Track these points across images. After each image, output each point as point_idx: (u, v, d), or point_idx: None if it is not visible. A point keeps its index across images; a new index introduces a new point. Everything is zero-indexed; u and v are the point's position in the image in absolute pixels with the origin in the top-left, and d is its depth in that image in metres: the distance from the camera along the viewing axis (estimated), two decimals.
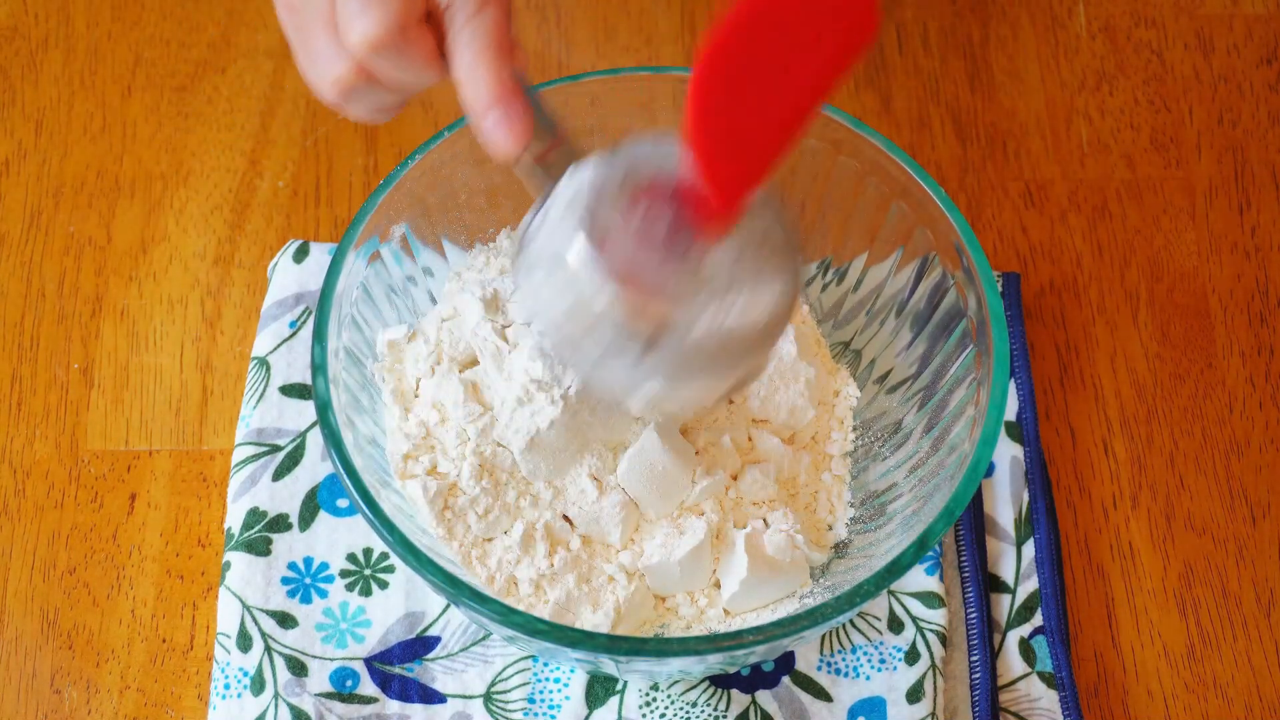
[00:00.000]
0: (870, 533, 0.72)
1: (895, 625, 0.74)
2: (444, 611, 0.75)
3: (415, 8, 0.58)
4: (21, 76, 0.94)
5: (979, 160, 0.91)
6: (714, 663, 0.66)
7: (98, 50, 0.95)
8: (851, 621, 0.74)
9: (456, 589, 0.63)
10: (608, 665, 0.67)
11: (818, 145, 0.75)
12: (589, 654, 0.63)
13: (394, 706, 0.72)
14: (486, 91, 0.59)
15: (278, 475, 0.77)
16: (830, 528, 0.74)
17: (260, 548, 0.75)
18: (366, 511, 0.64)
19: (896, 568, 0.63)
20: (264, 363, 0.81)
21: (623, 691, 0.72)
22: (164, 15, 0.96)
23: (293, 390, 0.80)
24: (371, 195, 0.72)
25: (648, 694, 0.72)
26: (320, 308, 0.69)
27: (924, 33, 0.96)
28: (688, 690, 0.72)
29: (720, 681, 0.73)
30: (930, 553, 0.74)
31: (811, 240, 0.80)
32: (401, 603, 0.75)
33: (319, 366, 0.67)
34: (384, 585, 0.75)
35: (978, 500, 0.78)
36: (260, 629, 0.73)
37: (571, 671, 0.73)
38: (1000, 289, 0.83)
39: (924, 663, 0.73)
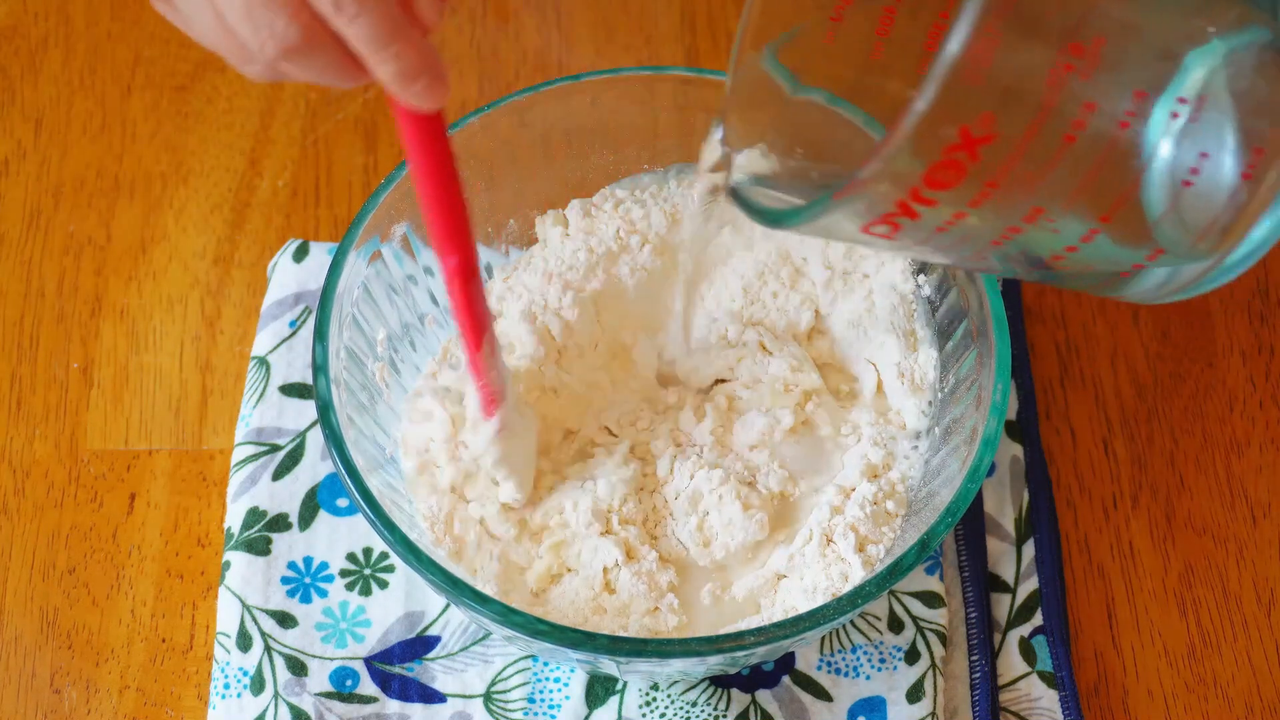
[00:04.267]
0: None
1: (895, 625, 0.74)
2: (444, 611, 0.75)
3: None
4: (21, 76, 0.93)
5: None
6: (715, 664, 0.66)
7: (97, 50, 0.95)
8: (851, 621, 0.74)
9: (456, 589, 0.63)
10: (608, 665, 0.67)
11: None
12: (589, 654, 0.63)
13: (394, 706, 0.72)
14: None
15: (277, 475, 0.77)
16: None
17: (260, 547, 0.75)
18: (367, 511, 0.64)
19: (898, 569, 0.63)
20: (264, 362, 0.81)
21: (623, 691, 0.72)
22: None
23: (292, 390, 0.80)
24: (373, 195, 0.72)
25: (648, 694, 0.72)
26: (321, 307, 0.69)
27: None
28: (688, 690, 0.72)
29: (720, 681, 0.73)
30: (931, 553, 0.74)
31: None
32: (401, 602, 0.75)
33: (320, 366, 0.67)
34: (384, 585, 0.75)
35: (978, 500, 0.78)
36: (260, 628, 0.73)
37: (571, 671, 0.73)
38: (1000, 288, 0.83)
39: (924, 662, 0.73)
